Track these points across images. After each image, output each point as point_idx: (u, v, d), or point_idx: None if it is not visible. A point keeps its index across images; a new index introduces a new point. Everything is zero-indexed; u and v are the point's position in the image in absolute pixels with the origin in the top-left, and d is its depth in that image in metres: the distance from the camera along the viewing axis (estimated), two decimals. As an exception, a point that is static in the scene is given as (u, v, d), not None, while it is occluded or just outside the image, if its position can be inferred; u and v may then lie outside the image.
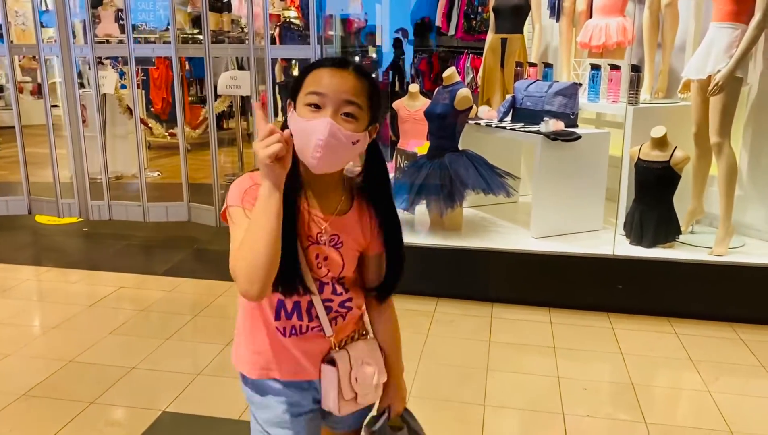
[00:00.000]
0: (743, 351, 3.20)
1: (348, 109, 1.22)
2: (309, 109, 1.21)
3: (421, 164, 4.14)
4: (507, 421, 2.63)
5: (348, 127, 1.21)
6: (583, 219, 4.12)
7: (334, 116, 1.20)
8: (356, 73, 1.24)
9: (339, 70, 1.23)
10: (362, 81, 1.24)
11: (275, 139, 1.10)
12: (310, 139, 1.19)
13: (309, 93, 1.22)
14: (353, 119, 1.22)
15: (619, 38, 4.28)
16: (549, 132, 3.90)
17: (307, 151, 1.20)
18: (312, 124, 1.19)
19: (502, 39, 4.93)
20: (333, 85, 1.21)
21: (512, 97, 4.41)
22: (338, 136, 1.20)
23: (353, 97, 1.22)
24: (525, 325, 3.50)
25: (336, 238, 1.32)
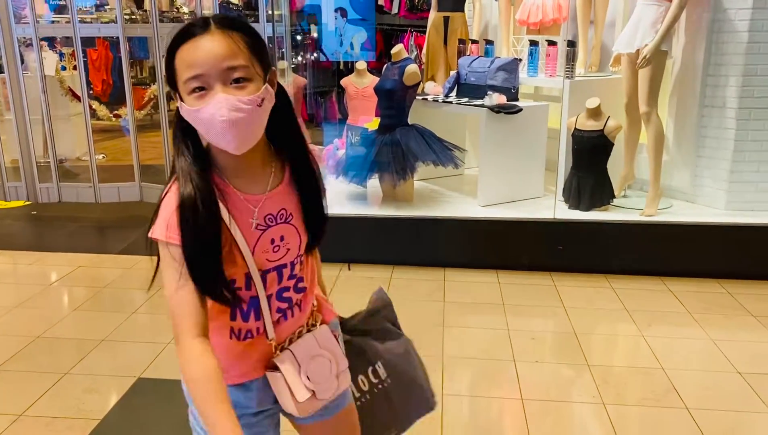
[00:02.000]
0: (672, 300, 3.53)
1: (236, 75, 1.08)
2: (195, 96, 1.08)
3: (373, 139, 4.30)
4: (464, 369, 2.85)
5: (246, 93, 1.08)
6: (525, 187, 4.37)
7: (225, 89, 1.07)
8: (222, 29, 1.08)
9: (202, 37, 1.07)
10: (233, 35, 1.08)
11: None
12: (213, 124, 1.07)
13: (186, 80, 1.08)
14: (247, 82, 1.09)
15: (555, 15, 4.53)
16: (493, 105, 4.12)
17: (217, 137, 1.08)
18: (207, 110, 1.06)
19: (445, 17, 5.11)
20: (205, 58, 1.06)
21: (457, 73, 4.61)
22: (240, 107, 1.07)
23: (234, 61, 1.07)
24: (476, 286, 3.74)
25: (284, 212, 1.21)
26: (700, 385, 2.72)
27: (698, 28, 4.00)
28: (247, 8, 7.90)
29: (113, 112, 6.14)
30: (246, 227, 1.17)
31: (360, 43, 7.48)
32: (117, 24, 4.75)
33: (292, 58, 6.21)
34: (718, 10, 3.88)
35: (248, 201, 1.18)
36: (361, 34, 7.44)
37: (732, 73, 3.89)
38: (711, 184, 4.09)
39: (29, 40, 4.95)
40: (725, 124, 3.95)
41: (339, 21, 7.44)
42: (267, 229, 1.19)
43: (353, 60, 6.50)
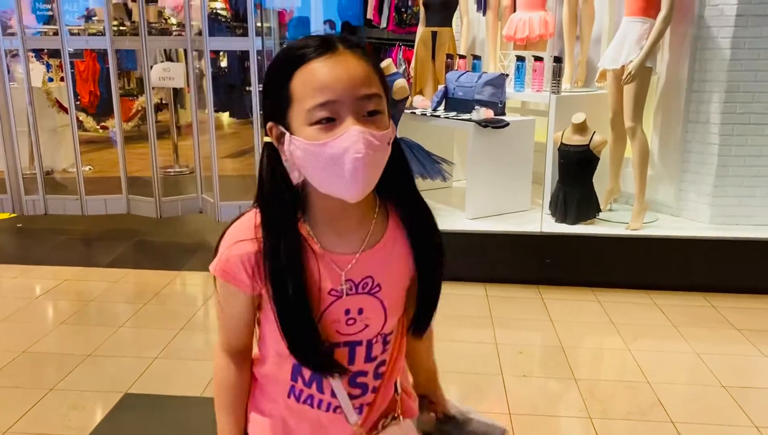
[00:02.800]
0: (657, 314, 3.56)
1: (371, 106, 0.91)
2: (319, 128, 0.90)
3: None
4: (452, 384, 2.85)
5: (378, 127, 0.92)
6: (512, 200, 4.40)
7: (359, 120, 0.90)
8: (354, 51, 0.93)
9: (333, 58, 0.91)
10: (365, 59, 0.94)
11: None
12: (344, 162, 0.89)
13: (313, 107, 0.90)
14: (380, 115, 0.93)
15: (542, 31, 4.58)
16: (480, 120, 4.15)
17: (340, 179, 0.91)
18: (339, 144, 0.89)
19: (433, 32, 5.15)
20: (341, 82, 0.90)
21: (445, 87, 4.65)
22: (375, 144, 0.90)
23: (370, 89, 0.92)
24: (463, 299, 3.75)
25: (370, 281, 1.02)
26: (686, 399, 2.74)
27: (682, 45, 4.06)
28: (235, 20, 7.93)
29: (100, 123, 6.13)
30: (315, 288, 1.00)
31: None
32: (105, 36, 4.74)
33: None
34: (702, 27, 3.94)
35: (335, 263, 1.01)
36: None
37: (715, 90, 3.95)
38: (695, 198, 4.14)
39: (16, 51, 4.93)
40: (709, 140, 4.01)
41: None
42: (342, 296, 1.01)
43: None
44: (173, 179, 6.25)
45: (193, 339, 3.24)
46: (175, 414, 2.57)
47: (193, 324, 3.39)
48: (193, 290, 4.08)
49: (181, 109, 8.07)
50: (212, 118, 4.85)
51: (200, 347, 3.18)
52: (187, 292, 4.04)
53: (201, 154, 5.02)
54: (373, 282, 1.02)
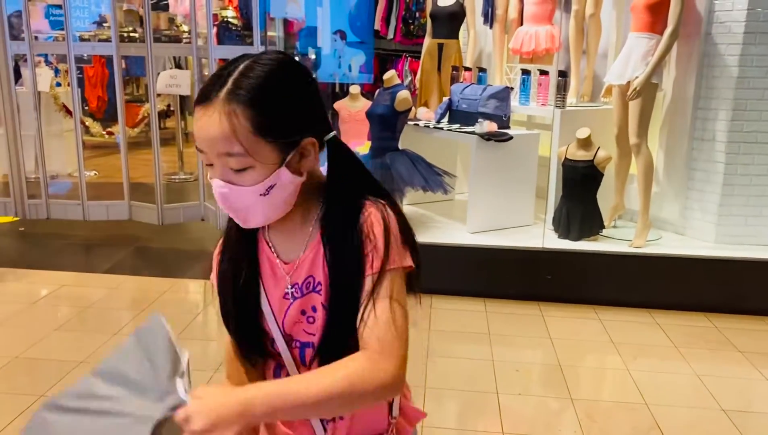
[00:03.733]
0: (659, 334, 3.50)
1: (233, 165, 0.93)
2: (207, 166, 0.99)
3: (364, 163, 4.30)
4: (447, 401, 2.82)
5: (245, 181, 0.94)
6: (515, 215, 4.36)
7: (223, 173, 0.94)
8: (228, 100, 0.91)
9: (203, 109, 0.92)
10: (238, 112, 0.90)
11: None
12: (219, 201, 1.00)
13: (200, 151, 0.96)
14: (246, 169, 0.93)
15: (548, 45, 4.56)
16: (483, 133, 4.12)
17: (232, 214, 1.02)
18: (213, 186, 0.98)
19: (439, 44, 5.14)
20: (202, 135, 0.92)
21: (449, 100, 4.63)
22: (237, 194, 0.95)
23: (227, 147, 0.91)
24: (462, 314, 3.71)
25: (311, 280, 1.04)
26: (684, 422, 2.69)
27: (689, 62, 4.03)
28: (246, 28, 7.95)
29: (107, 129, 6.14)
30: (275, 295, 1.06)
31: (358, 65, 7.55)
32: (112, 42, 4.76)
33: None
34: (709, 44, 3.91)
35: (283, 268, 1.06)
36: (360, 56, 7.51)
37: (722, 107, 3.91)
38: (700, 216, 4.09)
39: (25, 56, 4.97)
40: (715, 158, 3.96)
41: (338, 43, 7.51)
42: (295, 299, 1.05)
43: (351, 82, 6.55)
44: (177, 186, 6.26)
45: (190, 346, 3.18)
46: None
47: (190, 331, 3.36)
48: (192, 298, 4.06)
49: (189, 117, 8.11)
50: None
51: (197, 355, 3.15)
52: (186, 300, 4.02)
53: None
54: (314, 281, 1.04)
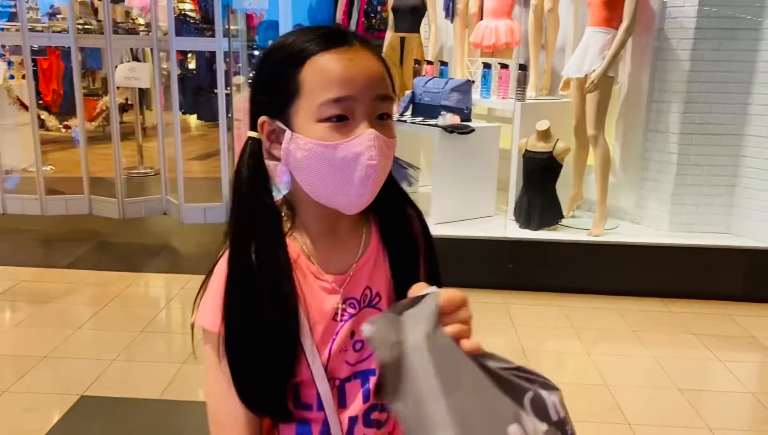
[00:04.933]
0: (617, 319, 3.62)
1: (385, 109, 0.83)
2: (330, 126, 0.81)
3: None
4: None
5: (389, 134, 0.84)
6: (477, 205, 4.44)
7: (372, 123, 0.81)
8: (369, 49, 0.84)
9: (354, 51, 0.82)
10: (381, 59, 0.85)
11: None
12: (353, 168, 0.81)
13: (326, 102, 0.80)
14: (390, 120, 0.85)
15: (508, 39, 4.64)
16: (446, 125, 4.18)
17: (346, 187, 0.82)
18: (351, 148, 0.80)
19: (401, 37, 5.19)
20: (360, 78, 0.81)
21: (412, 93, 4.68)
22: (386, 151, 0.83)
23: (386, 90, 0.83)
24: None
25: (369, 293, 0.92)
26: (642, 402, 2.79)
27: (643, 56, 4.16)
28: (204, 22, 7.86)
29: (63, 123, 6.01)
30: (320, 319, 0.87)
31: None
32: (69, 34, 4.66)
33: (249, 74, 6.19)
34: (662, 40, 4.04)
35: (333, 283, 0.89)
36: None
37: (674, 100, 4.05)
38: (655, 205, 4.23)
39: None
40: (668, 149, 4.10)
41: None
42: (350, 317, 0.89)
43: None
44: (137, 180, 6.16)
45: (153, 341, 3.19)
46: (133, 416, 2.53)
47: (153, 326, 3.33)
48: (154, 292, 4.02)
49: (147, 111, 7.98)
50: (177, 118, 4.80)
51: (160, 350, 3.13)
52: (149, 294, 3.98)
53: (166, 155, 4.96)
54: (372, 292, 0.91)
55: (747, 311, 3.69)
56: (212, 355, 0.86)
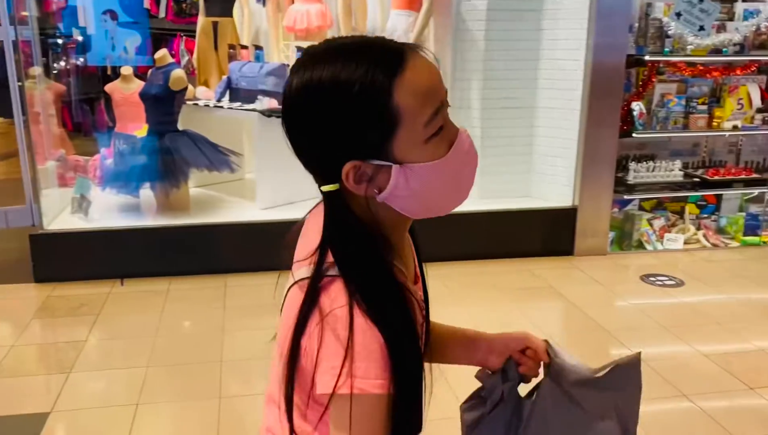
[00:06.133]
0: (440, 286, 3.86)
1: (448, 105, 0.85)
2: (435, 140, 0.81)
3: (142, 147, 4.15)
4: (243, 370, 2.89)
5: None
6: (303, 188, 4.44)
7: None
8: (416, 46, 0.85)
9: (418, 55, 0.82)
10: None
11: None
12: (463, 172, 0.85)
13: (429, 119, 0.80)
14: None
15: (320, 23, 4.72)
16: (264, 109, 4.19)
17: (455, 193, 0.86)
18: (457, 154, 0.82)
19: (213, 22, 5.07)
20: (437, 80, 0.82)
21: (228, 78, 4.61)
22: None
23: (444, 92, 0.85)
24: (258, 289, 3.77)
25: (425, 305, 0.97)
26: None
27: (445, 37, 4.43)
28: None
29: None
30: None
31: (134, 46, 7.13)
32: None
33: (51, 64, 5.74)
34: (459, 21, 4.33)
35: (414, 290, 0.91)
36: (135, 37, 7.10)
37: (475, 78, 4.37)
38: (466, 176, 4.55)
39: None
40: (472, 123, 4.42)
41: (109, 24, 7.02)
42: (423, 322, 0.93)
43: (129, 65, 6.20)
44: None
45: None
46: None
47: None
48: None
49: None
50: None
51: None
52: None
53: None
54: (426, 306, 0.96)
55: (545, 265, 4.12)
56: (376, 415, 0.80)
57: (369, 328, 0.78)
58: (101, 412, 2.58)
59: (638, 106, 4.27)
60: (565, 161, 4.32)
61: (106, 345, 3.21)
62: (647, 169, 4.43)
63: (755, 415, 2.56)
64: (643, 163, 4.46)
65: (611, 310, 3.59)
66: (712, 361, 2.96)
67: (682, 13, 4.08)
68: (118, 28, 7.01)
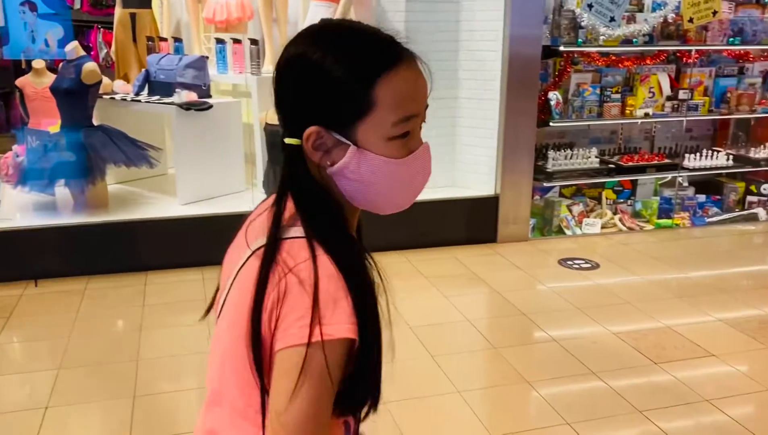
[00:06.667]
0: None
1: (425, 117, 0.89)
2: (399, 142, 0.85)
3: (55, 143, 4.01)
4: (160, 368, 2.84)
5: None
6: (226, 182, 4.45)
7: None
8: (416, 56, 0.88)
9: (414, 65, 0.86)
10: (422, 63, 0.89)
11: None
12: (415, 180, 0.89)
13: (399, 121, 0.83)
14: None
15: (239, 14, 4.65)
16: (182, 103, 4.11)
17: (406, 195, 0.90)
18: (415, 163, 0.87)
19: (131, 14, 4.94)
20: (424, 94, 0.87)
21: (146, 71, 4.50)
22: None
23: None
24: (178, 285, 3.71)
25: None
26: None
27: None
28: None
29: None
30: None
31: (56, 39, 6.86)
32: None
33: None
34: (380, 11, 4.35)
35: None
36: (57, 29, 6.83)
37: (397, 68, 4.39)
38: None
39: None
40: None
41: (28, 15, 6.73)
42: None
43: (51, 58, 5.96)
44: None
45: None
46: None
47: None
48: None
49: None
50: None
51: None
52: None
53: None
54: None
55: (469, 252, 4.21)
56: (339, 362, 0.81)
57: (334, 276, 0.81)
58: (7, 418, 2.49)
59: (555, 95, 4.40)
60: (487, 151, 4.40)
61: (16, 348, 3.10)
62: (566, 157, 4.57)
63: (658, 389, 2.68)
64: (562, 151, 4.60)
65: (530, 294, 3.69)
66: (621, 340, 3.09)
67: (593, 4, 4.22)
68: (38, 20, 6.75)
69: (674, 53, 4.83)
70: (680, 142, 5.09)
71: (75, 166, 3.93)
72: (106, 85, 4.38)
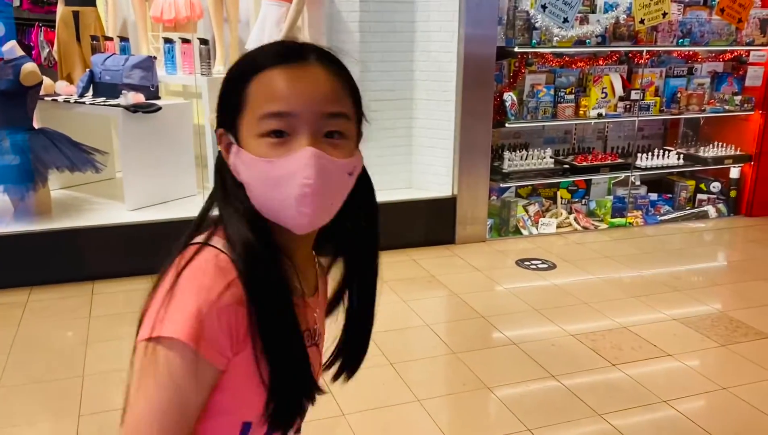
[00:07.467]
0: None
1: (333, 126, 0.82)
2: (269, 141, 0.80)
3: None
4: (107, 384, 2.71)
5: (338, 153, 0.83)
6: (177, 186, 4.31)
7: (316, 142, 0.81)
8: (325, 63, 0.84)
9: (304, 68, 0.82)
10: (338, 75, 0.85)
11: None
12: (290, 186, 0.80)
13: (264, 116, 0.80)
14: (342, 139, 0.84)
15: (188, 13, 4.52)
16: (129, 105, 3.96)
17: (286, 205, 0.81)
18: (286, 165, 0.80)
19: (74, 12, 4.75)
20: (302, 94, 0.80)
21: (91, 72, 4.33)
22: (330, 169, 0.81)
23: (335, 107, 0.83)
24: (127, 295, 3.57)
25: (314, 330, 0.95)
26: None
27: (318, 27, 4.35)
28: None
29: None
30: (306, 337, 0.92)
31: (-2, 37, 6.58)
32: None
33: None
34: (333, 9, 4.27)
35: (312, 304, 0.94)
36: (-1, 27, 6.56)
37: (352, 68, 4.31)
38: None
39: None
40: (351, 115, 4.39)
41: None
42: (314, 345, 0.95)
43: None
44: None
45: None
46: None
47: None
48: None
49: None
50: None
51: None
52: None
53: None
54: (316, 332, 0.96)
55: (427, 254, 4.17)
56: (179, 366, 0.76)
57: (209, 270, 0.79)
58: (-60, 443, 2.34)
59: (510, 96, 4.40)
60: (444, 152, 4.38)
61: (-48, 366, 2.92)
62: (521, 158, 4.58)
63: (616, 390, 2.69)
64: (517, 151, 4.60)
65: (489, 296, 3.68)
66: (579, 341, 3.09)
67: (547, 5, 4.23)
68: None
69: (626, 54, 4.89)
70: (632, 142, 5.16)
71: (14, 171, 3.74)
72: (48, 86, 4.20)
